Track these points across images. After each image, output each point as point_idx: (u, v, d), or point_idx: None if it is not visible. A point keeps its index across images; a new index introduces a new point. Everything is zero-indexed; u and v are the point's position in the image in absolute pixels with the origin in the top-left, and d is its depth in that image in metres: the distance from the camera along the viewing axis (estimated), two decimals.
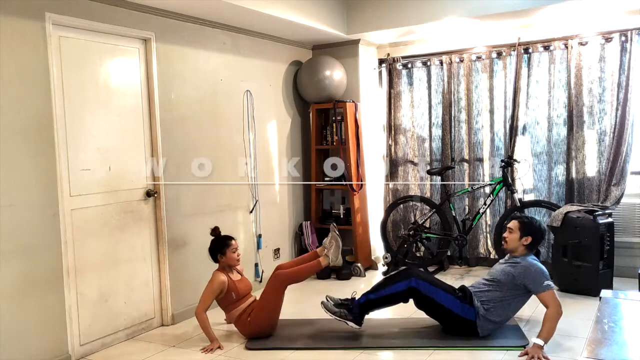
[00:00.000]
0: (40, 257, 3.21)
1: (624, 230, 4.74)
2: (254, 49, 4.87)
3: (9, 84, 3.06)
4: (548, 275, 3.37)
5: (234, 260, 3.69)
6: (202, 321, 3.54)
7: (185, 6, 3.94)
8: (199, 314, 3.55)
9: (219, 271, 3.67)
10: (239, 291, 3.66)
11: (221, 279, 3.60)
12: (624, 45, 4.62)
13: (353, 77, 5.44)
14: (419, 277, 3.52)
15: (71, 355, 3.38)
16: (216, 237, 3.75)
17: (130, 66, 3.80)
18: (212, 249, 3.72)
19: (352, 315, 3.57)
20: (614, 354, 1.88)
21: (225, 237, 3.75)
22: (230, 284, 3.63)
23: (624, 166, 4.65)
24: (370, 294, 3.60)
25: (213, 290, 3.58)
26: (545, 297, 3.30)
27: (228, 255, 3.67)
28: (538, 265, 3.42)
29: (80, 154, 3.47)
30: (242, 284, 3.72)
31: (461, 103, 5.36)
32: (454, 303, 3.46)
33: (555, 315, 3.24)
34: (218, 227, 3.79)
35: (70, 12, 3.36)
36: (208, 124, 4.38)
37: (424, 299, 3.51)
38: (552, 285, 3.33)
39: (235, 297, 3.63)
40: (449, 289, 3.56)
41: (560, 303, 3.28)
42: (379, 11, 5.01)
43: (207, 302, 3.57)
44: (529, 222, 3.55)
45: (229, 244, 3.68)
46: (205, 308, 3.56)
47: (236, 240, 3.76)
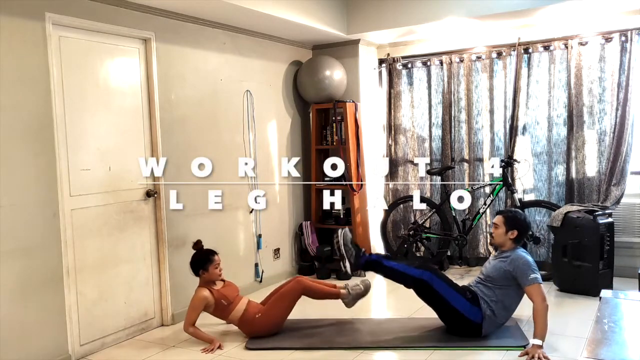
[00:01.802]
0: (40, 257, 3.21)
1: (624, 230, 4.74)
2: (254, 49, 4.87)
3: (9, 84, 3.06)
4: (536, 269, 3.38)
5: (215, 276, 3.64)
6: (192, 334, 3.57)
7: (185, 6, 3.94)
8: (186, 330, 3.58)
9: (200, 287, 3.63)
10: (228, 296, 3.63)
11: (203, 294, 3.57)
12: (624, 45, 4.62)
13: (353, 77, 5.44)
14: (436, 273, 3.55)
15: (71, 355, 3.38)
16: (198, 251, 3.69)
17: (130, 66, 3.80)
18: (194, 262, 3.66)
19: (355, 261, 3.62)
20: (614, 354, 1.88)
21: (208, 252, 3.68)
22: (216, 294, 3.60)
23: (624, 166, 4.65)
24: (384, 259, 3.65)
25: (196, 307, 3.58)
26: (531, 290, 3.30)
27: (210, 271, 3.62)
28: (526, 257, 3.44)
29: (80, 154, 3.47)
30: (228, 288, 3.70)
31: (461, 103, 5.36)
32: (464, 305, 3.45)
33: (542, 310, 3.23)
34: (200, 240, 3.74)
35: (70, 12, 3.36)
36: (208, 124, 4.38)
37: (434, 295, 3.50)
38: (538, 278, 3.32)
39: (227, 302, 3.61)
40: (461, 290, 3.54)
41: (545, 297, 3.27)
42: (379, 11, 5.01)
43: (192, 319, 3.57)
44: (513, 216, 3.58)
45: (212, 260, 3.63)
46: (191, 323, 3.56)
47: (218, 255, 3.70)
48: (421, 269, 3.54)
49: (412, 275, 3.52)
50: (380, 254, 3.70)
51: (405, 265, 3.62)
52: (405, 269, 3.57)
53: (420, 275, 3.50)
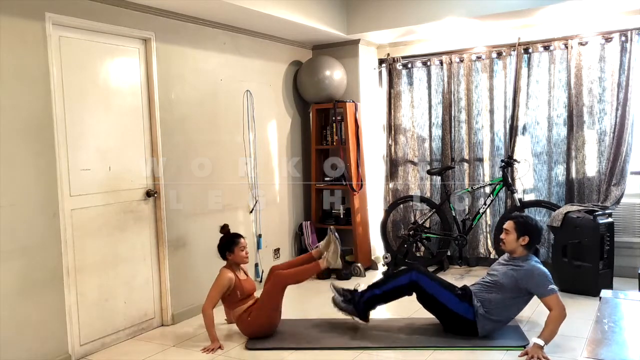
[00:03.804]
0: (40, 257, 3.21)
1: (624, 230, 4.74)
2: (254, 49, 4.87)
3: (9, 84, 3.06)
4: (551, 279, 3.36)
5: (242, 258, 3.70)
6: (208, 317, 3.54)
7: (185, 6, 3.94)
8: (205, 310, 3.55)
9: (226, 268, 3.68)
10: (244, 290, 3.67)
11: (229, 275, 3.62)
12: (624, 45, 4.62)
13: (353, 77, 5.44)
14: (419, 270, 3.56)
15: (71, 355, 3.38)
16: (225, 234, 3.76)
17: (130, 66, 3.80)
18: (220, 246, 3.72)
19: (357, 312, 3.61)
20: (614, 354, 1.88)
21: (234, 234, 3.76)
22: (237, 282, 3.64)
23: (624, 166, 4.65)
24: (375, 289, 3.63)
25: (220, 286, 3.59)
26: (549, 300, 3.28)
27: (236, 253, 3.68)
28: (541, 268, 3.40)
29: (80, 154, 3.47)
30: (248, 284, 3.74)
31: (461, 103, 5.36)
32: (452, 300, 3.46)
33: (559, 318, 3.23)
34: (227, 224, 3.81)
35: (70, 12, 3.36)
36: (208, 124, 4.38)
37: (425, 295, 3.52)
38: (556, 288, 3.31)
39: (240, 296, 3.64)
40: (449, 286, 3.56)
41: (564, 306, 3.26)
42: (379, 11, 5.01)
43: (214, 299, 3.58)
44: (525, 222, 3.51)
45: (238, 242, 3.69)
46: (213, 304, 3.56)
47: (245, 239, 3.77)
48: (406, 272, 3.56)
49: (404, 284, 3.54)
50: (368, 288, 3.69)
51: (393, 280, 3.61)
52: (396, 283, 3.57)
53: (409, 279, 3.51)
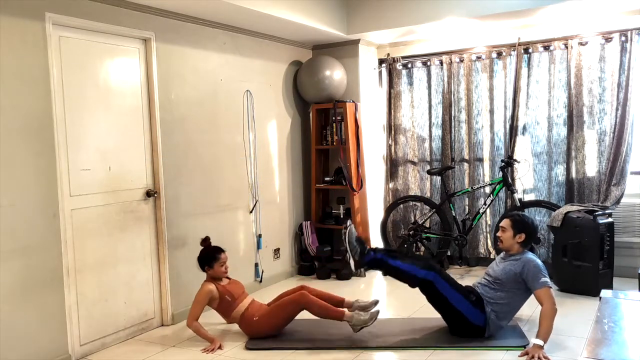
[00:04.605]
0: (40, 257, 3.21)
1: (624, 230, 4.74)
2: (254, 49, 4.87)
3: (9, 84, 3.06)
4: (546, 272, 3.38)
5: (221, 273, 3.69)
6: (195, 329, 3.58)
7: (185, 6, 3.94)
8: (189, 325, 3.59)
9: (206, 282, 3.68)
10: (233, 293, 3.66)
11: (207, 288, 3.62)
12: (624, 45, 4.62)
13: (353, 77, 5.44)
14: (440, 274, 3.52)
15: (71, 355, 3.38)
16: (206, 247, 3.73)
17: (130, 66, 3.80)
18: (200, 259, 3.71)
19: (360, 259, 3.59)
20: (614, 354, 1.88)
21: (215, 249, 3.72)
22: (220, 289, 3.64)
23: (624, 166, 4.65)
24: (389, 258, 3.60)
25: (200, 301, 3.60)
26: (540, 293, 3.30)
27: (216, 269, 3.66)
28: (536, 261, 3.43)
29: (80, 154, 3.47)
30: (234, 285, 3.73)
31: (461, 103, 5.36)
32: (467, 307, 3.44)
33: (550, 313, 3.23)
34: (209, 237, 3.79)
35: (70, 12, 3.36)
36: (208, 124, 4.38)
37: (438, 296, 3.49)
38: (549, 282, 3.33)
39: (232, 298, 3.64)
40: (465, 292, 3.52)
41: (555, 301, 3.27)
42: (379, 11, 5.01)
43: (196, 313, 3.59)
44: (521, 219, 3.55)
45: (218, 258, 3.67)
46: (195, 318, 3.58)
47: (226, 253, 3.74)
48: (426, 269, 3.50)
49: (418, 276, 3.49)
50: (385, 251, 3.67)
51: (411, 265, 3.55)
52: (412, 269, 3.52)
53: (425, 276, 3.47)
